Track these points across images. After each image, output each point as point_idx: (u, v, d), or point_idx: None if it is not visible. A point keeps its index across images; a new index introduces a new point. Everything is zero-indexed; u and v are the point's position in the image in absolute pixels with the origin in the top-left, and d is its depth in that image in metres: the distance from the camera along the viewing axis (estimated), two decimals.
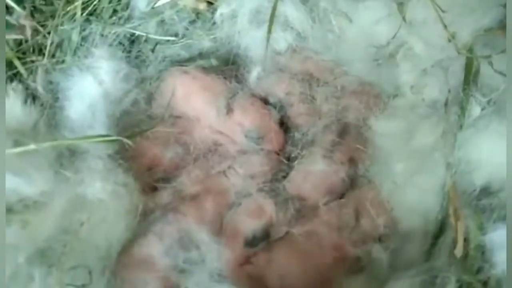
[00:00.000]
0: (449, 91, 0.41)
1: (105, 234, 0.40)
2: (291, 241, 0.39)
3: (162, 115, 0.46)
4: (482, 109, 0.37)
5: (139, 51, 0.48)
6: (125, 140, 0.39)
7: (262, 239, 0.39)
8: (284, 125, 0.46)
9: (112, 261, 0.40)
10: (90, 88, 0.44)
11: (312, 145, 0.43)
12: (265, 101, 0.46)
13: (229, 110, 0.44)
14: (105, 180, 0.40)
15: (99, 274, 0.38)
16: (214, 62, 0.48)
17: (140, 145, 0.44)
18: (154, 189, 0.44)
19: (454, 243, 0.33)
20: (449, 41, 0.39)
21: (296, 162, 0.43)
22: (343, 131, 0.43)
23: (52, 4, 0.46)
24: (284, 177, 0.43)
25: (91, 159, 0.41)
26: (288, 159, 0.44)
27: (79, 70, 0.44)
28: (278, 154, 0.44)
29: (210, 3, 0.47)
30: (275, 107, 0.46)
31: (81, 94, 0.44)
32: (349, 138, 0.42)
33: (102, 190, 0.40)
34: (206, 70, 0.47)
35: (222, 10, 0.47)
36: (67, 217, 0.37)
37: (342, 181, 0.40)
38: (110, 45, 0.46)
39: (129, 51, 0.48)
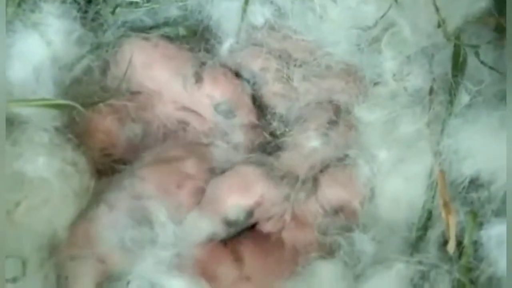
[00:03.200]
0: (434, 79, 0.39)
1: (48, 219, 0.34)
2: (259, 236, 0.36)
3: (118, 87, 0.41)
4: (471, 99, 0.36)
5: (96, 12, 0.42)
6: (77, 105, 0.33)
7: (245, 221, 0.36)
8: (257, 103, 0.42)
9: (56, 251, 0.34)
10: (36, 48, 0.38)
11: (305, 121, 0.39)
12: (236, 76, 0.42)
13: (198, 79, 0.40)
14: (50, 156, 0.35)
15: (36, 266, 0.32)
16: (181, 31, 0.43)
17: (92, 120, 0.39)
18: (111, 171, 0.38)
19: (445, 238, 0.31)
20: (439, 26, 0.37)
21: (285, 137, 0.39)
22: (337, 113, 0.39)
23: None
24: (270, 153, 0.39)
25: (34, 130, 0.35)
26: (272, 135, 0.40)
27: (23, 25, 0.38)
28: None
29: None
30: (248, 83, 0.42)
31: (24, 54, 0.37)
32: (342, 121, 0.39)
33: (46, 167, 0.34)
34: (171, 38, 0.42)
35: None
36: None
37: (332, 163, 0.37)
38: (63, 1, 0.40)
39: (85, 11, 0.41)
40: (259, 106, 0.42)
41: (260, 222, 0.37)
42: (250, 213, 0.36)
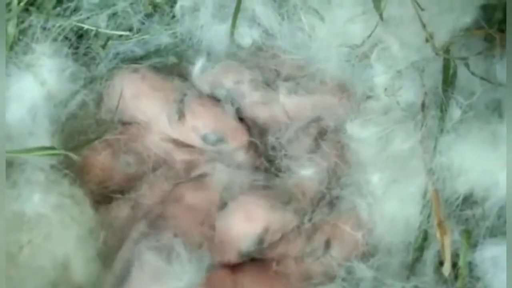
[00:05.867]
0: (426, 93, 0.39)
1: (51, 253, 0.35)
2: (261, 265, 0.36)
3: (110, 120, 0.41)
4: (463, 113, 0.36)
5: (88, 47, 0.43)
6: (71, 154, 0.34)
7: (257, 249, 0.36)
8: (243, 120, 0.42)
9: (62, 283, 0.35)
10: (31, 89, 0.38)
11: (294, 148, 0.39)
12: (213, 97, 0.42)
13: (181, 115, 0.40)
14: (46, 193, 0.35)
15: None
16: (172, 59, 0.43)
17: (87, 157, 0.40)
18: (109, 201, 0.39)
19: (441, 258, 0.31)
20: (427, 41, 0.37)
21: (280, 165, 0.39)
22: (322, 135, 0.40)
23: None
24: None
25: (31, 170, 0.36)
26: (269, 161, 0.40)
27: (17, 68, 0.39)
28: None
29: None
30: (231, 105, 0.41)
31: (20, 96, 0.38)
32: (330, 144, 0.39)
33: (43, 203, 0.35)
34: (158, 68, 0.43)
35: (182, 2, 0.42)
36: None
37: (325, 191, 0.38)
38: (54, 40, 0.41)
39: (77, 47, 0.42)
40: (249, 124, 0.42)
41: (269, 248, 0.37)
42: (260, 240, 0.36)
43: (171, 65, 0.43)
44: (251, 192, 0.38)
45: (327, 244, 0.36)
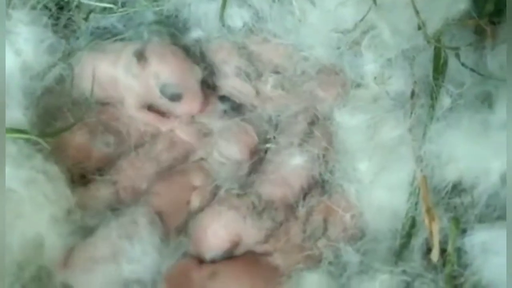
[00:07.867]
0: (415, 82, 0.38)
1: (20, 232, 0.33)
2: (244, 260, 0.35)
3: (86, 101, 0.39)
4: (453, 101, 0.35)
5: (69, 18, 0.41)
6: (42, 141, 0.33)
7: (223, 258, 0.35)
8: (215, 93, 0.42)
9: (31, 265, 0.33)
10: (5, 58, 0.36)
11: (285, 135, 0.39)
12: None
13: (141, 57, 0.38)
14: (18, 167, 0.33)
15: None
16: (156, 28, 0.41)
17: (63, 137, 0.37)
18: (87, 181, 0.37)
19: (429, 245, 0.30)
20: (419, 28, 0.37)
21: (270, 152, 0.38)
22: (312, 122, 0.39)
23: None
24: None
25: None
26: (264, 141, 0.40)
27: None
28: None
29: None
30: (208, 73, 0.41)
31: None
32: (318, 130, 0.38)
33: (13, 178, 0.33)
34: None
35: None
36: None
37: (316, 177, 0.37)
38: (33, 8, 0.39)
39: (57, 18, 0.40)
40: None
41: None
42: (227, 253, 0.35)
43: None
44: (227, 200, 0.36)
45: (325, 223, 0.35)
